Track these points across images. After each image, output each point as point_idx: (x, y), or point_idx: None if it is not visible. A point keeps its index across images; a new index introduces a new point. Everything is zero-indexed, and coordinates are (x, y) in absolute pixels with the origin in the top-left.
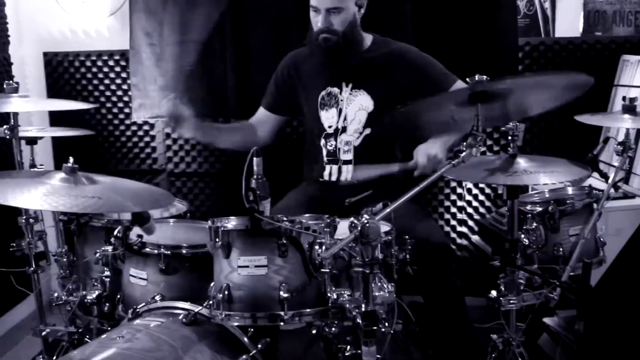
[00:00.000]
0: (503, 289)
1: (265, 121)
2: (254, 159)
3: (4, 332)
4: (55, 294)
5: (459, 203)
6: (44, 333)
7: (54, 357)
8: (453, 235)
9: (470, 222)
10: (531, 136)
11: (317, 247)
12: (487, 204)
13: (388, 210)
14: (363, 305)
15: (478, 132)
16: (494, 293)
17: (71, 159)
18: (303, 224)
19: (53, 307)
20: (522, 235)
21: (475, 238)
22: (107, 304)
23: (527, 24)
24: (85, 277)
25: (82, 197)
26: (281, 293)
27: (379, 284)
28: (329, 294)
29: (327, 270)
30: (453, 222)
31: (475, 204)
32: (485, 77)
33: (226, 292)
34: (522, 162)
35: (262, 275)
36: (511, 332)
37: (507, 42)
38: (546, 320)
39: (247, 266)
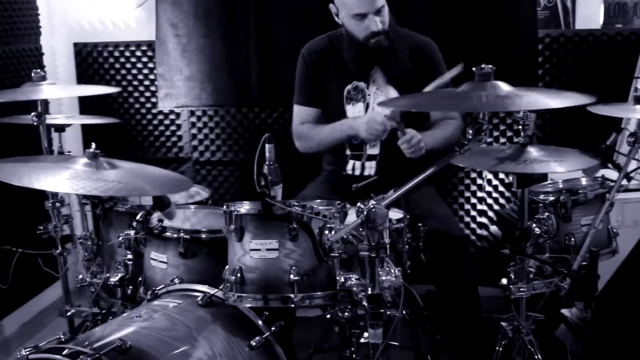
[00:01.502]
0: (513, 276)
1: (306, 117)
2: (266, 145)
3: (34, 314)
4: (80, 276)
5: (479, 194)
6: (69, 313)
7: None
8: (473, 225)
9: (490, 213)
10: (551, 128)
11: (327, 232)
12: (507, 194)
13: (395, 196)
14: (369, 289)
15: (484, 121)
16: (504, 281)
17: (93, 145)
18: (313, 209)
19: (80, 289)
20: (534, 225)
21: (493, 228)
22: (130, 287)
23: (547, 16)
24: (110, 260)
25: (102, 180)
26: (291, 276)
27: (387, 269)
28: (337, 277)
29: (337, 254)
30: (473, 213)
31: (495, 194)
32: (490, 66)
33: (239, 275)
34: (533, 151)
35: (273, 259)
36: (521, 320)
37: (527, 34)
38: (564, 311)
39: (259, 249)
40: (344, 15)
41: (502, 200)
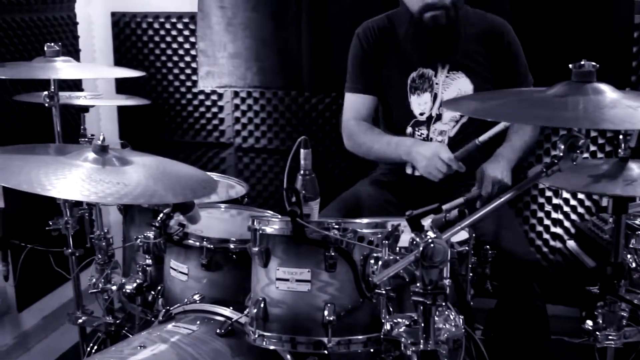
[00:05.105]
0: (600, 321)
1: (360, 107)
2: (301, 150)
3: (44, 315)
4: (93, 281)
5: (555, 200)
6: (79, 321)
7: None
8: (546, 236)
9: (567, 223)
10: None
11: (372, 261)
12: (587, 203)
13: (462, 226)
14: (422, 343)
15: (579, 135)
16: (589, 323)
17: (102, 136)
18: (357, 234)
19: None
20: (628, 255)
21: (570, 243)
22: (151, 292)
23: None
24: (130, 262)
25: (105, 182)
26: (326, 315)
27: (445, 314)
28: (382, 320)
29: (383, 291)
30: (547, 222)
31: (573, 202)
32: (593, 63)
33: (261, 307)
34: (635, 168)
35: (304, 292)
36: None
37: (620, 19)
38: None
39: (287, 280)
40: None
41: (580, 209)
